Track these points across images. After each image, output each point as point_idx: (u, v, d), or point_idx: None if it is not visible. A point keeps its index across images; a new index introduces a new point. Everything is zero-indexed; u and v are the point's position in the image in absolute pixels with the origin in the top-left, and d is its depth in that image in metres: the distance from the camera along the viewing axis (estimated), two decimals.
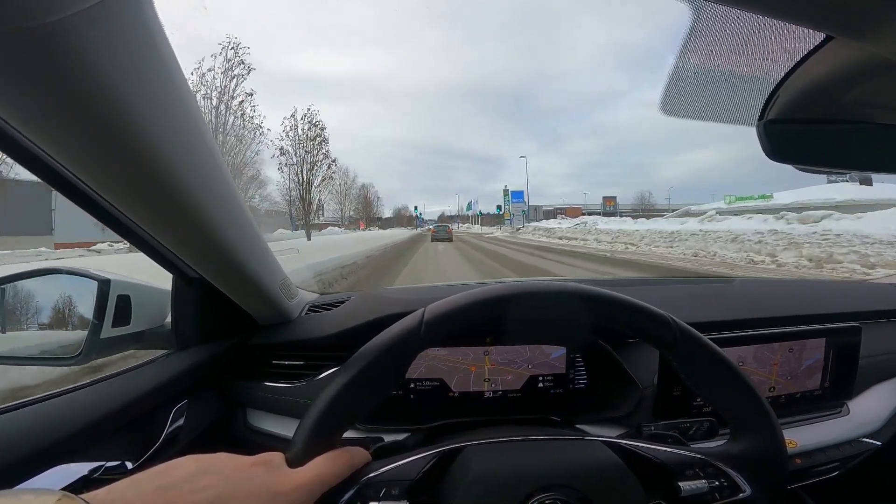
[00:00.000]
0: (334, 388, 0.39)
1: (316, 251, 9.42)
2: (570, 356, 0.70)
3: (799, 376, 0.71)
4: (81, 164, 0.37)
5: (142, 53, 0.32)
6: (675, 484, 0.42)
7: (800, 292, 1.03)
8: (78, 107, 0.30)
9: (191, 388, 0.63)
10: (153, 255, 0.54)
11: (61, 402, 0.48)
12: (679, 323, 0.43)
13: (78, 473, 0.45)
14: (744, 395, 0.43)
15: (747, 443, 0.44)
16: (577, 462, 0.42)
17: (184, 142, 0.39)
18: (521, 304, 0.42)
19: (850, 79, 0.31)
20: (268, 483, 0.33)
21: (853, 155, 0.38)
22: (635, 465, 0.42)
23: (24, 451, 0.41)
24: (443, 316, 0.41)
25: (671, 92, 0.39)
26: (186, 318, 0.66)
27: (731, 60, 0.36)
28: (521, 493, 0.38)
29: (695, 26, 0.32)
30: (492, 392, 0.69)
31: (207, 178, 0.44)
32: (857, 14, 0.23)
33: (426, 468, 0.41)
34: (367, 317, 0.72)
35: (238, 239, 0.53)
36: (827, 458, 0.70)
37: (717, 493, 0.42)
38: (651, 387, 0.66)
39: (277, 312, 0.73)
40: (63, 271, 0.62)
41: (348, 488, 0.38)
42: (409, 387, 0.69)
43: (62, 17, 0.24)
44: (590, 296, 0.43)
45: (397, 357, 0.40)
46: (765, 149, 0.36)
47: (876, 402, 0.77)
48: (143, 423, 0.55)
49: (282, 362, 0.74)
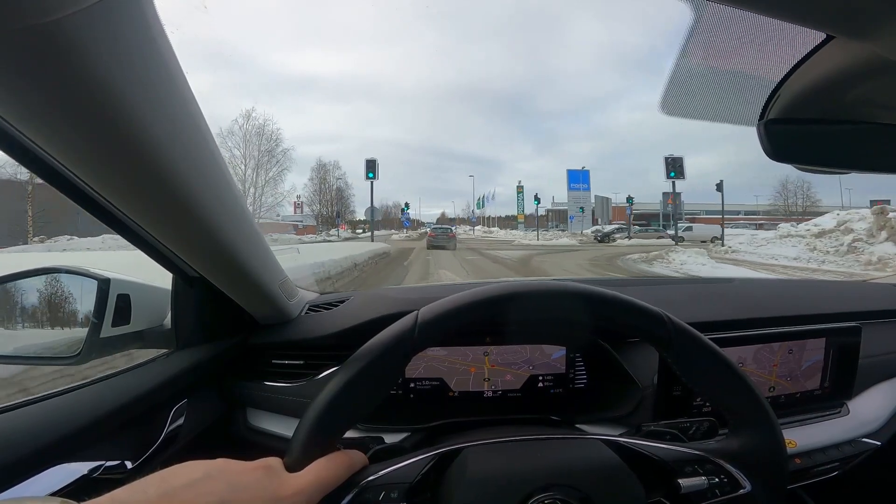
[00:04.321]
0: (330, 392, 0.38)
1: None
2: (569, 356, 0.70)
3: (799, 376, 0.71)
4: (82, 164, 0.37)
5: (142, 52, 0.32)
6: (674, 481, 0.42)
7: (800, 292, 1.03)
8: (78, 106, 0.30)
9: (191, 388, 0.63)
10: (153, 254, 0.54)
11: (61, 402, 0.48)
12: (674, 320, 0.43)
13: (77, 473, 0.45)
14: (741, 391, 0.43)
15: (746, 438, 0.44)
16: (577, 461, 0.42)
17: (184, 141, 0.39)
18: (516, 304, 0.42)
19: (851, 79, 0.31)
20: (268, 488, 0.33)
21: (854, 155, 0.38)
22: (635, 463, 0.42)
23: (24, 450, 0.41)
24: (437, 318, 0.41)
25: (671, 92, 0.39)
26: (186, 318, 0.66)
27: (732, 60, 0.36)
28: (521, 492, 0.38)
29: (695, 26, 0.32)
30: (491, 392, 0.69)
31: (207, 178, 0.44)
32: (858, 14, 0.23)
33: (425, 470, 0.41)
34: (367, 316, 0.72)
35: (238, 238, 0.53)
36: (827, 458, 0.70)
37: (717, 489, 0.42)
38: (651, 386, 0.66)
39: (277, 312, 0.73)
40: (63, 271, 0.62)
41: (347, 492, 0.38)
42: (408, 386, 0.69)
43: (62, 16, 0.24)
44: (584, 294, 0.43)
45: (392, 360, 0.40)
46: (765, 149, 0.36)
47: (876, 402, 0.77)
48: (142, 423, 0.55)
49: (282, 362, 0.74)
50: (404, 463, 0.41)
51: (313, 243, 16.82)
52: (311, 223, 36.08)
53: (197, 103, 0.40)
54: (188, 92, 0.38)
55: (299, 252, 7.32)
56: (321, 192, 37.40)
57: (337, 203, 39.46)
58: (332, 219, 38.31)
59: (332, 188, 38.56)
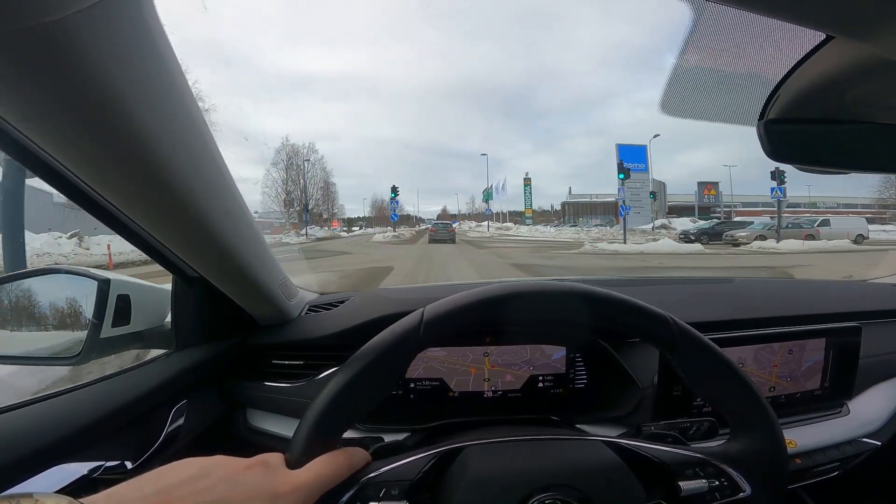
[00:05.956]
0: (333, 388, 0.38)
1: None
2: (570, 356, 0.70)
3: (799, 376, 0.71)
4: (81, 164, 0.37)
5: (142, 52, 0.32)
6: (674, 483, 0.42)
7: (800, 292, 1.03)
8: (78, 106, 0.30)
9: (190, 388, 0.63)
10: (153, 254, 0.54)
11: (61, 402, 0.48)
12: (679, 322, 0.43)
13: (77, 473, 0.45)
14: (743, 394, 0.43)
15: (747, 441, 0.44)
16: (577, 462, 0.42)
17: (184, 141, 0.39)
18: (521, 303, 0.42)
19: (851, 79, 0.31)
20: (267, 485, 0.33)
21: (853, 155, 0.38)
22: (635, 464, 0.42)
23: (24, 450, 0.41)
24: (442, 316, 0.41)
25: (671, 91, 0.39)
26: (186, 318, 0.66)
27: (732, 60, 0.36)
28: (521, 492, 0.38)
29: (695, 26, 0.32)
30: (491, 392, 0.69)
31: (207, 178, 0.44)
32: (858, 14, 0.23)
33: (426, 468, 0.41)
34: (367, 316, 0.72)
35: (238, 238, 0.53)
36: (827, 458, 0.70)
37: (717, 492, 0.42)
38: (651, 387, 0.66)
39: (277, 312, 0.73)
40: (63, 271, 0.62)
41: (348, 489, 0.38)
42: (408, 386, 0.69)
43: (62, 16, 0.24)
44: (589, 295, 0.43)
45: (396, 357, 0.40)
46: (765, 149, 0.36)
47: (876, 402, 0.77)
48: (142, 423, 0.55)
49: (282, 362, 0.74)
50: (405, 461, 0.41)
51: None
52: (276, 220, 27.33)
53: (197, 103, 0.40)
54: (188, 92, 0.38)
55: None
56: (286, 182, 28.79)
57: (324, 197, 31.79)
58: (317, 215, 29.97)
59: (307, 175, 29.80)
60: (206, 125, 0.42)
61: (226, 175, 0.48)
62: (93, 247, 8.27)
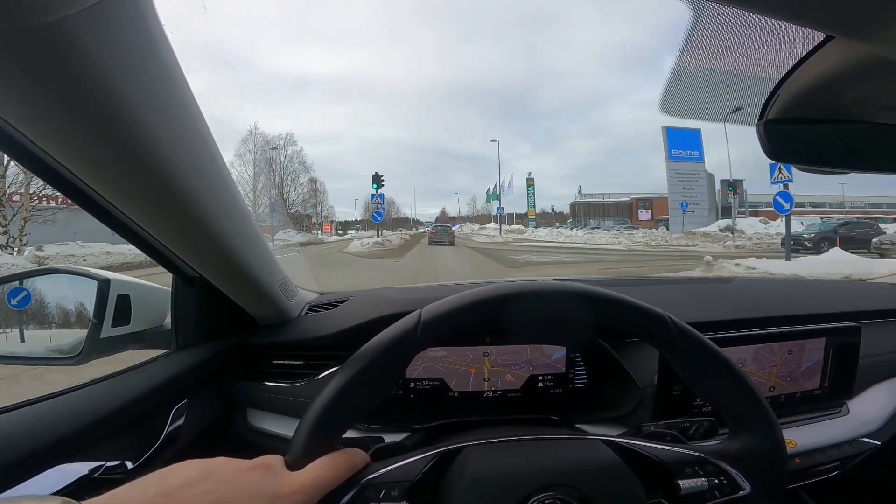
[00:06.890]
0: (332, 390, 0.38)
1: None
2: (569, 356, 0.70)
3: (798, 376, 0.71)
4: (81, 164, 0.37)
5: (142, 52, 0.32)
6: (674, 482, 0.42)
7: (800, 292, 1.03)
8: (78, 106, 0.30)
9: (190, 388, 0.63)
10: (153, 254, 0.54)
11: (61, 402, 0.48)
12: (676, 321, 0.43)
13: (77, 473, 0.45)
14: (742, 393, 0.43)
15: (746, 440, 0.44)
16: (577, 461, 0.42)
17: (184, 141, 0.39)
18: (519, 304, 0.42)
19: (850, 79, 0.31)
20: (267, 487, 0.33)
21: (853, 155, 0.38)
22: (635, 463, 0.42)
23: (24, 451, 0.41)
24: (440, 317, 0.41)
25: (671, 91, 0.39)
26: (186, 318, 0.66)
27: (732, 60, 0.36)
28: (521, 492, 0.38)
29: (695, 26, 0.32)
30: (491, 392, 0.69)
31: (207, 177, 0.44)
32: (858, 14, 0.23)
33: (426, 469, 0.41)
34: (367, 316, 0.72)
35: (238, 238, 0.53)
36: (827, 457, 0.70)
37: (717, 490, 0.42)
38: (651, 386, 0.66)
39: (277, 312, 0.73)
40: (63, 271, 0.62)
41: (348, 490, 0.38)
42: (408, 386, 0.69)
43: (62, 16, 0.24)
44: (587, 295, 0.43)
45: (394, 358, 0.40)
46: (765, 149, 0.36)
47: (876, 401, 0.77)
48: (142, 423, 0.55)
49: (282, 362, 0.74)
50: (405, 461, 0.41)
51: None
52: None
53: (197, 103, 0.40)
54: (188, 92, 0.38)
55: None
56: (255, 178, 23.76)
57: (312, 197, 26.58)
58: (305, 217, 24.26)
59: (282, 170, 24.51)
60: (206, 125, 0.43)
61: (226, 175, 0.48)
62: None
